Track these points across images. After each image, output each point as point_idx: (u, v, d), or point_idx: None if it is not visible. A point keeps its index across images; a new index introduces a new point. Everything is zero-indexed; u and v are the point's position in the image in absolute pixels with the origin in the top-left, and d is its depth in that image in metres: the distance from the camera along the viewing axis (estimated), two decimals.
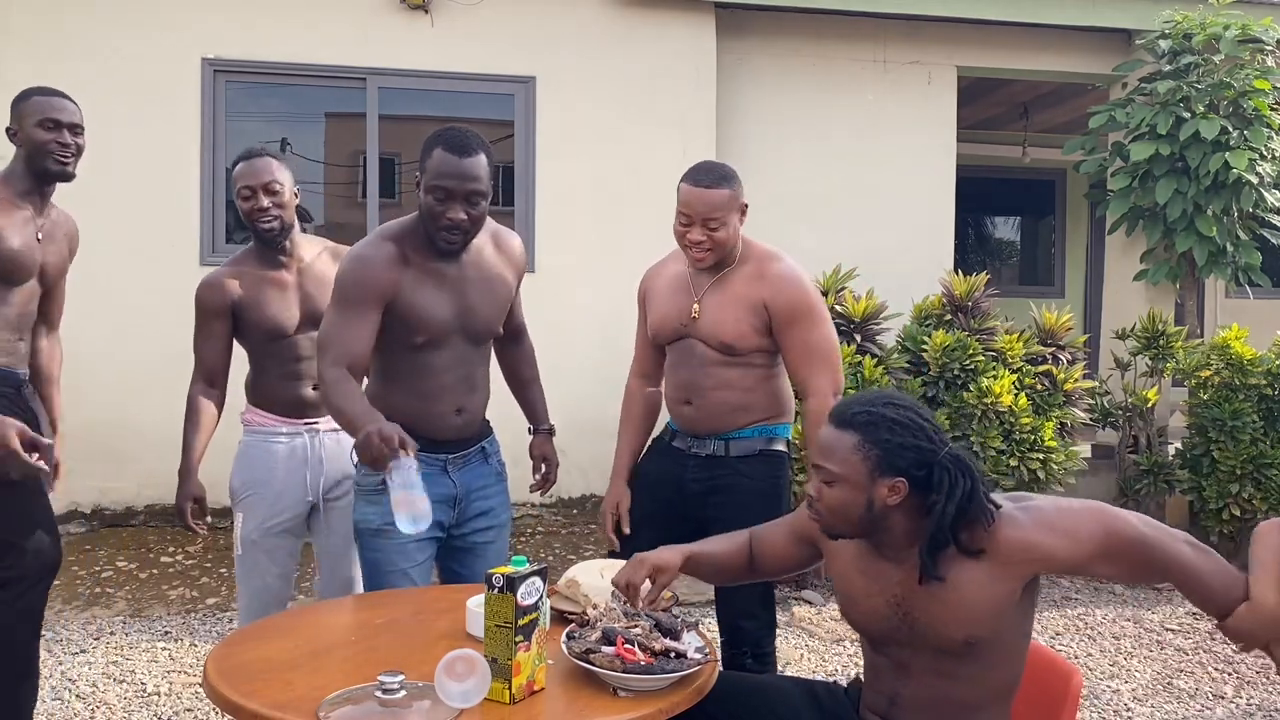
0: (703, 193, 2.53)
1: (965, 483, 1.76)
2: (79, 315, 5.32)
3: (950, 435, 4.72)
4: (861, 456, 1.79)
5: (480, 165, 2.35)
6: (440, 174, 2.32)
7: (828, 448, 1.83)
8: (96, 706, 3.44)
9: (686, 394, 2.68)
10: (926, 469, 1.78)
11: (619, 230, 5.80)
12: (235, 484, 2.82)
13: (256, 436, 2.82)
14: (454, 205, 2.33)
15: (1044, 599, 4.93)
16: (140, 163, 5.39)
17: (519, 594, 1.71)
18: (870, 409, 1.81)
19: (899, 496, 1.79)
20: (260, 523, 2.78)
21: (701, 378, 2.64)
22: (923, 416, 1.83)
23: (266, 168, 2.79)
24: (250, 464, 2.81)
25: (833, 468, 1.81)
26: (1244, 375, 5.21)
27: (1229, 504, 5.18)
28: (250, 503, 2.79)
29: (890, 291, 5.16)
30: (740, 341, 2.60)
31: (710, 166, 2.61)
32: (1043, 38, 6.47)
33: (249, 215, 2.77)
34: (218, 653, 1.92)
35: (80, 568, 4.73)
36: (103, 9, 5.39)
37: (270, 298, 2.79)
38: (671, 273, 2.75)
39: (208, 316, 2.81)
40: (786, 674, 3.83)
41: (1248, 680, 3.96)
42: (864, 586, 1.93)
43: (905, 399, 1.87)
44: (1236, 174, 5.58)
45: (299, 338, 2.80)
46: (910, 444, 1.78)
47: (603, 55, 5.87)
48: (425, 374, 2.46)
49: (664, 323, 2.72)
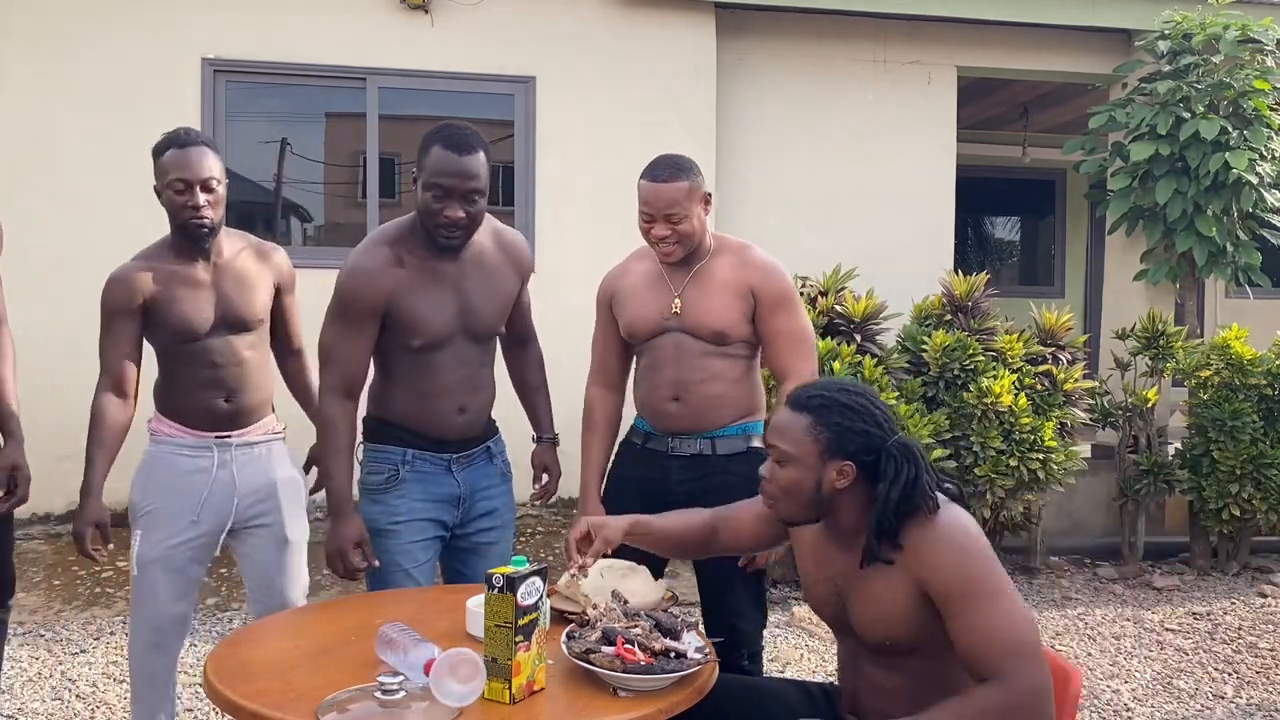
0: (660, 187, 2.51)
1: (909, 470, 1.80)
2: (78, 315, 5.33)
3: (950, 435, 4.73)
4: (813, 438, 1.84)
5: (479, 163, 2.36)
6: (439, 171, 2.33)
7: (782, 428, 1.89)
8: (96, 706, 3.44)
9: (674, 391, 2.59)
10: (875, 455, 1.83)
11: (619, 230, 5.77)
12: (135, 497, 2.54)
13: (162, 448, 2.57)
14: (452, 203, 2.34)
15: (1044, 599, 4.93)
16: (140, 163, 5.38)
17: (519, 594, 1.71)
18: (825, 393, 1.88)
19: (847, 480, 1.84)
20: (159, 542, 2.50)
21: (690, 372, 2.58)
22: (875, 405, 1.88)
23: (203, 162, 2.49)
24: (153, 477, 2.55)
25: (785, 447, 1.87)
26: (1244, 375, 5.21)
27: (1229, 504, 5.18)
28: (150, 520, 2.51)
29: (890, 291, 5.16)
30: (732, 328, 2.57)
31: (667, 160, 2.57)
32: (1043, 38, 6.47)
33: (178, 209, 2.52)
34: (218, 653, 1.92)
35: (80, 568, 4.73)
36: (103, 9, 5.39)
37: (181, 295, 2.53)
38: (641, 271, 2.68)
39: (115, 315, 2.61)
40: (786, 674, 3.83)
41: (1248, 680, 3.96)
42: (814, 572, 1.99)
43: (860, 387, 1.92)
44: (1236, 174, 5.58)
45: (212, 341, 2.52)
46: (860, 429, 1.84)
47: (603, 55, 5.87)
48: (427, 374, 2.46)
49: (642, 321, 2.63)
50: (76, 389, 5.18)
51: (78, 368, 5.24)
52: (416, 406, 2.48)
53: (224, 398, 2.54)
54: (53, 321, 5.14)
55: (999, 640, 1.71)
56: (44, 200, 5.28)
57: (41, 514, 5.26)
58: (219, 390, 2.54)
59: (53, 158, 5.30)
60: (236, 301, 2.55)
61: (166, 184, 2.51)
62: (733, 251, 2.63)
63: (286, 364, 2.81)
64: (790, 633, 4.26)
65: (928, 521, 1.80)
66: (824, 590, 1.97)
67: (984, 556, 1.78)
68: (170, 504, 2.51)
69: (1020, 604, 1.77)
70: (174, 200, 2.51)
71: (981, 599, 1.74)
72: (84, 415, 2.64)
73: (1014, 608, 1.75)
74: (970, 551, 1.78)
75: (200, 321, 2.52)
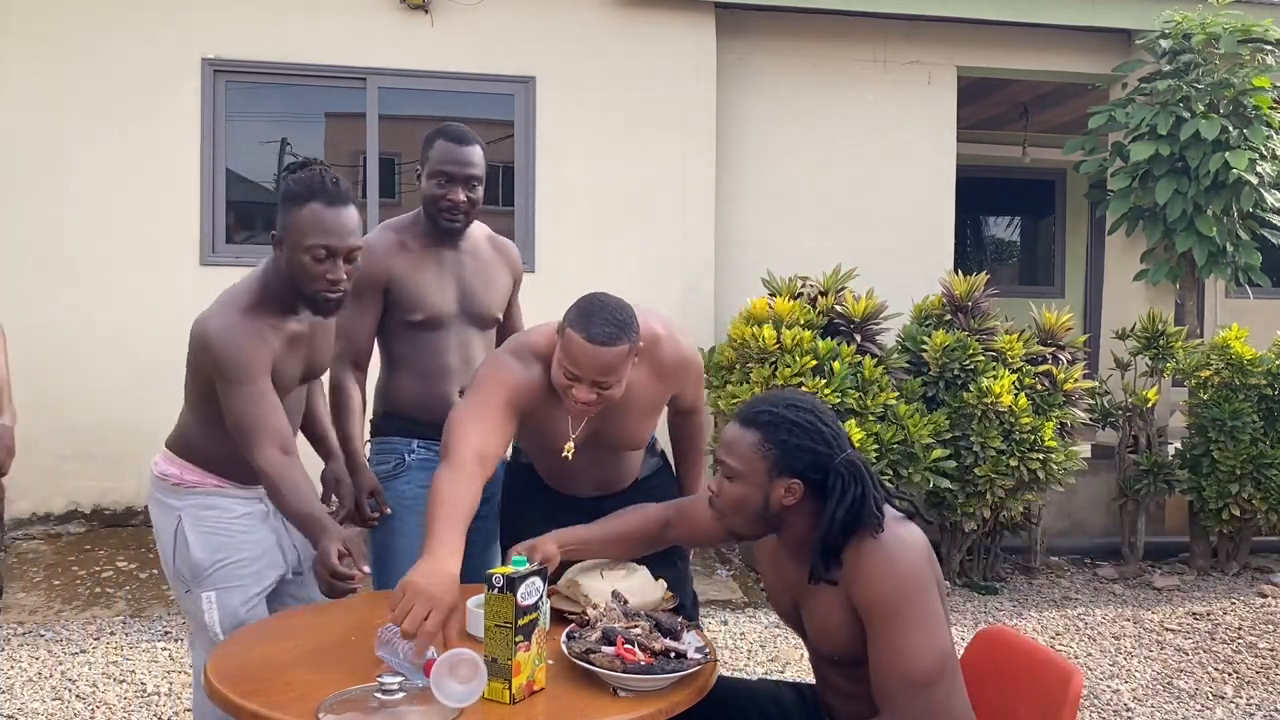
0: (599, 351, 2.06)
1: (856, 489, 1.79)
2: (79, 315, 5.35)
3: (950, 435, 4.73)
4: (760, 455, 1.83)
5: (477, 154, 2.63)
6: (443, 160, 2.59)
7: (730, 444, 1.87)
8: (96, 706, 3.44)
9: (595, 487, 2.46)
10: (823, 472, 1.81)
11: (619, 230, 5.80)
12: (199, 557, 2.25)
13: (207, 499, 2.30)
14: (455, 187, 2.58)
15: (1044, 598, 4.93)
16: (140, 163, 5.40)
17: (519, 594, 1.71)
18: (773, 409, 1.85)
19: (794, 498, 1.83)
20: (248, 599, 2.27)
21: (610, 471, 2.47)
22: (823, 421, 1.85)
23: (353, 227, 2.20)
24: (214, 530, 2.28)
25: (733, 463, 1.86)
26: (1244, 375, 5.21)
27: (1229, 504, 5.18)
28: (225, 577, 2.26)
29: (890, 291, 5.16)
30: (649, 435, 2.46)
31: (605, 312, 2.10)
32: (1043, 38, 6.47)
33: (312, 279, 2.17)
34: (218, 653, 1.92)
35: (80, 568, 4.73)
36: (103, 9, 5.39)
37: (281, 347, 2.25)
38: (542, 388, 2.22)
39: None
40: (785, 674, 3.84)
41: (1248, 680, 3.96)
42: (775, 581, 2.01)
43: (809, 401, 1.90)
44: (1236, 174, 5.58)
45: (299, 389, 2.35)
46: (807, 447, 1.82)
47: (603, 55, 5.87)
48: (428, 354, 2.63)
49: (552, 440, 2.32)
50: (76, 388, 5.23)
51: (78, 368, 5.27)
52: (419, 388, 2.62)
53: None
54: (52, 322, 5.15)
55: (898, 669, 1.71)
56: (44, 200, 5.28)
57: (41, 514, 5.26)
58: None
59: (53, 158, 5.30)
60: (322, 356, 2.40)
61: (304, 246, 2.14)
62: (650, 361, 2.28)
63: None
64: (789, 633, 4.26)
65: (869, 540, 1.79)
66: (784, 600, 1.99)
67: (914, 582, 1.75)
68: (244, 551, 2.29)
69: (936, 638, 1.74)
70: (309, 268, 2.15)
71: (897, 624, 1.72)
72: (83, 416, 2.62)
73: (927, 639, 1.72)
74: (900, 575, 1.75)
75: (291, 378, 2.29)
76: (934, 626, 1.74)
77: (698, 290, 5.86)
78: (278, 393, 2.20)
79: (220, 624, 2.25)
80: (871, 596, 1.75)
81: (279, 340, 2.21)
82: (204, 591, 2.26)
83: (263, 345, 2.17)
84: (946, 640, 1.76)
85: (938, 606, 1.77)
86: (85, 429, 5.24)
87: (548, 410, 2.26)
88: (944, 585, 1.85)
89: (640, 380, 2.26)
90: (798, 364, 4.52)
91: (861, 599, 1.76)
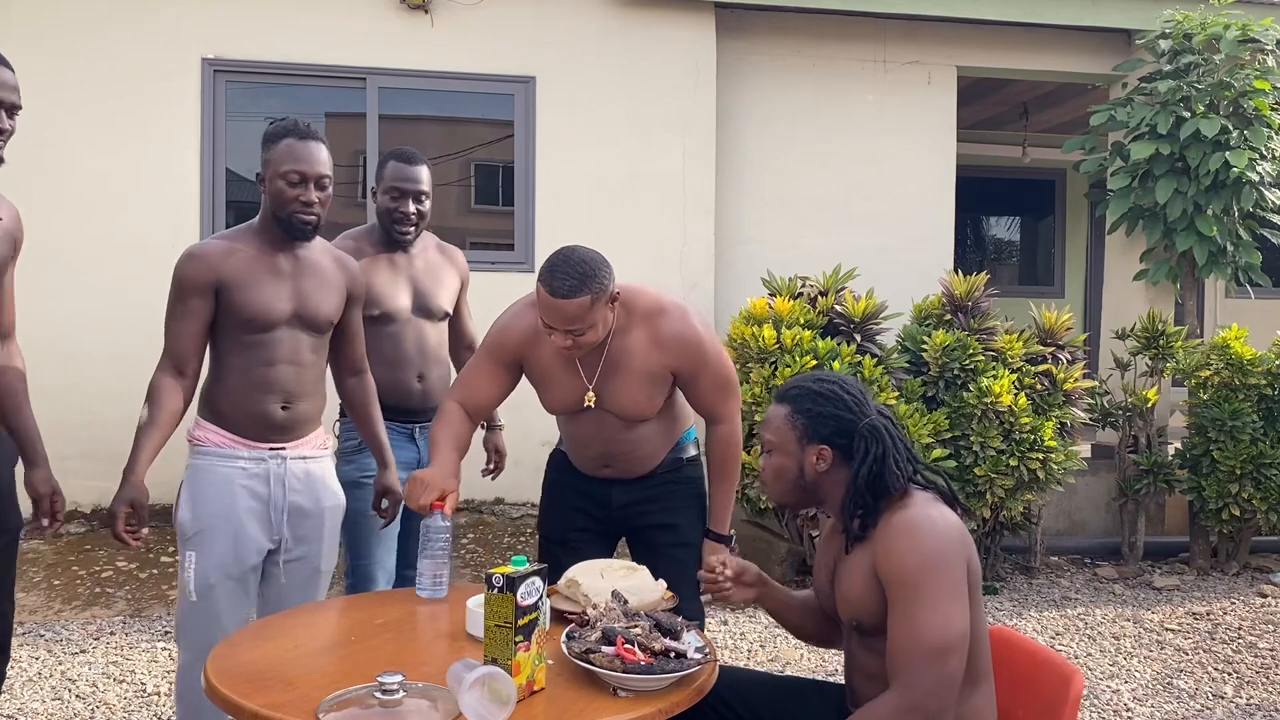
0: (559, 304, 2.23)
1: (877, 449, 1.89)
2: (78, 315, 5.35)
3: (950, 435, 4.73)
4: (790, 426, 1.97)
5: (424, 172, 3.05)
6: (396, 178, 3.00)
7: (767, 420, 2.03)
8: (96, 706, 3.44)
9: (604, 460, 2.57)
10: (848, 437, 1.93)
11: (619, 230, 5.80)
12: (185, 517, 2.41)
13: (209, 459, 2.44)
14: (406, 201, 2.99)
15: (1044, 598, 4.93)
16: (140, 163, 5.40)
17: (519, 594, 1.71)
18: (800, 383, 2.02)
19: (826, 464, 1.95)
20: (221, 562, 2.38)
21: (617, 445, 2.54)
22: (846, 390, 1.97)
23: (320, 157, 2.49)
24: (203, 492, 2.41)
25: (770, 437, 2.00)
26: (1244, 375, 5.21)
27: (1229, 504, 5.18)
28: (205, 539, 2.39)
29: (890, 291, 5.16)
30: (652, 410, 2.49)
31: (567, 266, 2.24)
32: (1043, 38, 6.47)
33: (287, 201, 2.42)
34: (218, 653, 1.92)
35: (80, 568, 4.73)
36: (102, 9, 5.39)
37: (261, 281, 2.43)
38: (551, 345, 2.38)
39: (187, 292, 2.41)
40: (785, 674, 3.84)
41: (1248, 680, 3.96)
42: (820, 559, 2.10)
43: (835, 375, 2.04)
44: (1237, 173, 5.59)
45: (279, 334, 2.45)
46: (830, 413, 1.95)
47: (603, 55, 5.87)
48: (390, 344, 2.98)
49: (562, 403, 2.51)
50: (76, 388, 5.23)
51: (78, 366, 5.27)
52: (384, 375, 2.89)
53: (281, 403, 2.45)
54: (52, 321, 5.15)
55: (910, 640, 1.75)
56: (44, 200, 5.27)
57: None
58: (277, 394, 2.44)
59: (52, 158, 5.30)
60: (312, 298, 2.49)
61: (280, 173, 2.43)
62: (643, 322, 2.41)
63: (345, 384, 2.75)
64: (789, 633, 4.26)
65: (899, 510, 1.85)
66: (823, 577, 2.06)
67: (936, 555, 1.78)
68: (229, 520, 2.40)
69: (955, 614, 1.76)
70: (284, 191, 2.42)
71: (915, 595, 1.77)
72: (83, 416, 2.63)
73: (945, 614, 1.75)
74: (923, 548, 1.79)
75: (275, 312, 2.43)
76: (951, 600, 1.77)
77: (698, 290, 5.86)
78: (258, 324, 2.41)
79: (194, 583, 2.38)
80: (895, 568, 1.79)
81: (244, 265, 2.42)
82: (188, 550, 2.41)
83: (205, 265, 2.40)
84: (964, 617, 1.78)
85: (960, 584, 1.79)
86: (85, 429, 5.24)
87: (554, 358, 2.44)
88: (978, 574, 1.87)
89: (638, 344, 2.42)
90: (798, 364, 4.52)
91: (886, 570, 1.81)
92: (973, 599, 1.82)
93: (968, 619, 1.79)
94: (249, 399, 2.43)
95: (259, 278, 2.43)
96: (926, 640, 1.74)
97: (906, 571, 1.78)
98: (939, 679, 1.74)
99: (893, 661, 1.78)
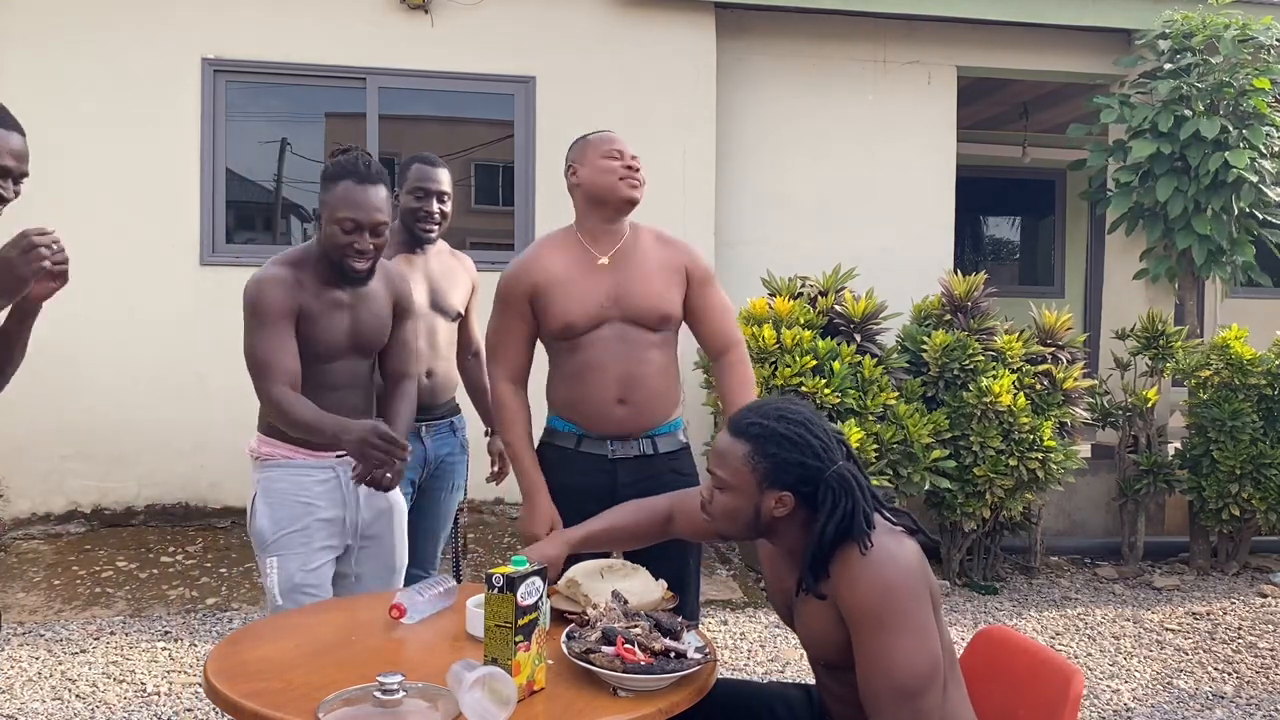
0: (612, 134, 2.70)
1: (846, 504, 1.78)
2: (79, 315, 5.35)
3: (950, 435, 4.73)
4: (750, 468, 1.83)
5: (445, 174, 3.14)
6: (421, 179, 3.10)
7: (721, 454, 1.87)
8: (96, 706, 3.44)
9: (621, 390, 2.50)
10: (812, 485, 1.81)
11: None
12: (263, 525, 2.47)
13: (280, 470, 2.50)
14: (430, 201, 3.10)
15: (1044, 598, 4.93)
16: (140, 163, 5.40)
17: (519, 594, 1.71)
18: (763, 421, 1.85)
19: (785, 509, 1.83)
20: (301, 566, 2.47)
21: (638, 365, 2.51)
22: (813, 433, 1.84)
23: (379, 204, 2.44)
24: (280, 501, 2.48)
25: (724, 475, 1.86)
26: (1244, 375, 5.21)
27: (1228, 504, 5.18)
28: (285, 544, 2.47)
29: (890, 291, 5.16)
30: (674, 310, 2.55)
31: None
32: (1043, 38, 6.47)
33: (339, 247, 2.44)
34: (218, 653, 1.92)
35: (80, 568, 4.73)
36: (103, 9, 5.39)
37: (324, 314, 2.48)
38: (563, 261, 2.53)
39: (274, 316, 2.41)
40: (785, 674, 3.84)
41: (1248, 680, 3.96)
42: (774, 581, 2.01)
43: (801, 412, 1.88)
44: (1236, 172, 5.59)
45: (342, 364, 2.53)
46: (796, 460, 1.81)
47: (603, 55, 5.87)
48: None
49: (580, 312, 2.50)
50: (76, 389, 5.23)
51: (78, 368, 5.27)
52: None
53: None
54: (52, 321, 5.12)
55: (884, 678, 1.70)
56: (43, 200, 5.25)
57: (41, 514, 5.26)
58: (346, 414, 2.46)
59: (52, 158, 5.29)
60: (368, 326, 2.55)
61: (335, 218, 2.41)
62: (647, 232, 2.65)
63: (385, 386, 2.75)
64: (789, 633, 4.26)
65: (854, 547, 1.77)
66: (780, 601, 2.00)
67: (902, 592, 1.73)
68: (302, 525, 2.47)
69: (924, 646, 1.72)
70: (337, 236, 2.41)
71: (883, 632, 1.71)
72: (83, 416, 2.63)
73: (914, 648, 1.70)
74: (886, 585, 1.73)
75: (336, 346, 2.50)
76: (921, 635, 1.72)
77: None
78: (321, 357, 2.46)
79: (279, 587, 2.45)
80: (857, 604, 1.73)
81: (313, 296, 2.45)
82: (267, 557, 2.48)
83: (286, 292, 2.41)
84: (935, 649, 1.74)
85: (927, 616, 1.74)
86: (85, 429, 5.25)
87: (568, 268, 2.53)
88: (939, 596, 1.83)
89: (648, 241, 2.62)
90: (798, 364, 4.52)
91: (847, 607, 1.75)
92: (936, 619, 1.79)
93: (938, 649, 1.74)
94: None
95: (323, 310, 2.46)
96: (899, 680, 1.69)
97: (870, 609, 1.72)
98: (915, 717, 1.70)
99: (867, 701, 1.73)
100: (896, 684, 1.69)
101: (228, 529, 5.29)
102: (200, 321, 5.35)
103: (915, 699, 1.69)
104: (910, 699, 1.69)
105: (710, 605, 4.55)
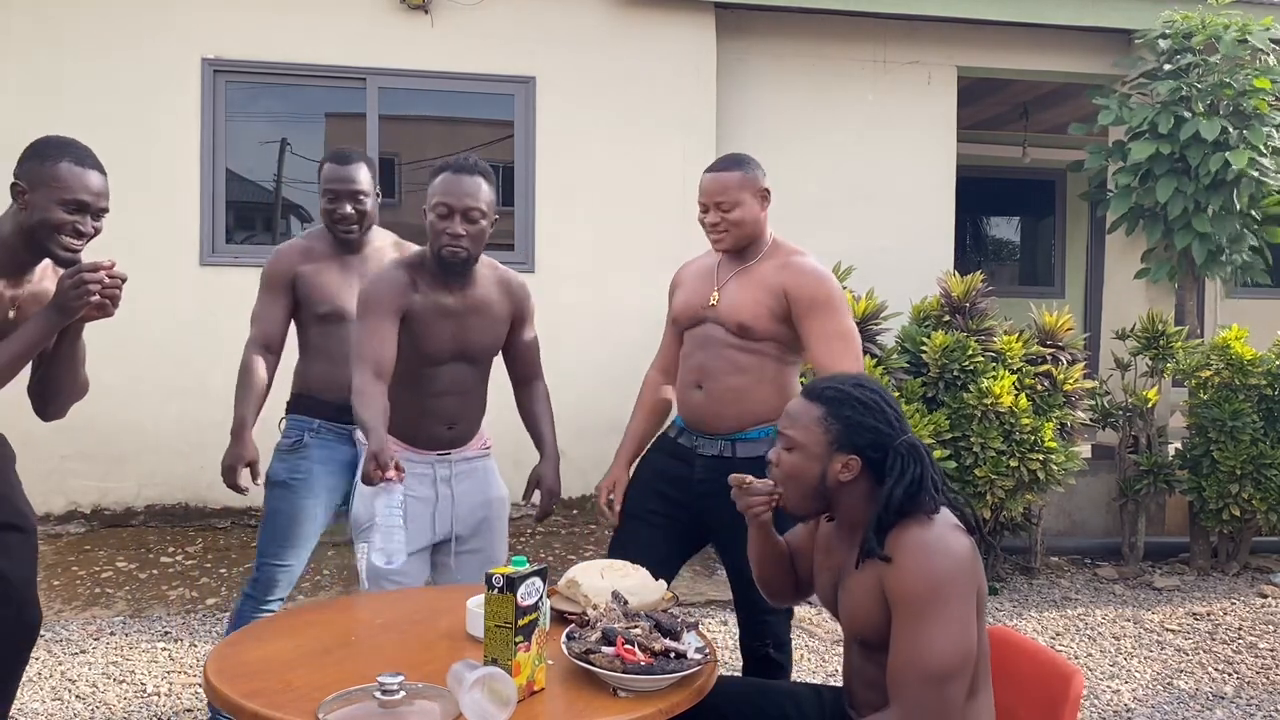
0: (715, 176, 2.67)
1: (915, 469, 1.82)
2: None
3: (950, 436, 4.72)
4: (823, 429, 1.87)
5: (360, 171, 2.94)
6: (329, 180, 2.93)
7: (793, 415, 1.92)
8: (96, 706, 3.44)
9: (698, 377, 2.70)
10: (882, 452, 1.85)
11: (619, 230, 5.80)
12: (359, 510, 2.58)
13: None
14: (341, 203, 2.92)
15: (1044, 599, 4.93)
16: (140, 163, 5.39)
17: (519, 594, 1.71)
18: (840, 386, 1.91)
19: (851, 474, 1.86)
20: (389, 553, 2.44)
21: (714, 359, 2.67)
22: (887, 403, 1.89)
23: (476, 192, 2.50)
24: (372, 491, 2.46)
25: (794, 434, 1.90)
26: (1244, 375, 5.21)
27: (1229, 504, 5.18)
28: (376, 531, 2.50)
29: (890, 291, 5.16)
30: (756, 323, 2.64)
31: (730, 155, 2.75)
32: (1043, 38, 6.47)
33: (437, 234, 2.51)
34: (218, 653, 1.92)
35: (80, 568, 4.73)
36: (103, 9, 5.39)
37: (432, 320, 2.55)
38: (700, 264, 2.85)
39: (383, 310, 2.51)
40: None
41: (1248, 680, 3.96)
42: (822, 562, 2.04)
43: (875, 383, 1.94)
44: (1236, 172, 5.58)
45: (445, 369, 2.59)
46: (870, 425, 1.86)
47: (603, 55, 5.87)
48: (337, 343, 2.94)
49: (685, 307, 2.79)
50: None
51: None
52: (329, 372, 2.91)
53: (446, 425, 2.64)
54: None
55: (914, 662, 1.72)
56: None
57: (41, 514, 5.25)
58: (443, 420, 2.63)
59: None
60: (475, 334, 2.62)
61: (430, 206, 2.51)
62: (782, 255, 2.72)
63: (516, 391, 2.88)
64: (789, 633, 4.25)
65: (915, 529, 1.79)
66: (826, 581, 2.02)
67: (950, 586, 1.74)
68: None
69: (959, 638, 1.73)
70: (434, 224, 2.50)
71: (923, 621, 1.72)
72: (83, 416, 2.63)
73: (949, 638, 1.72)
74: (933, 569, 1.74)
75: (441, 353, 2.58)
76: (959, 627, 1.73)
77: None
78: (426, 362, 2.54)
79: (366, 573, 2.54)
80: (904, 589, 1.76)
81: (422, 299, 2.52)
82: (360, 543, 2.57)
83: (393, 290, 2.49)
84: (970, 644, 1.75)
85: (968, 612, 1.76)
86: (85, 429, 5.24)
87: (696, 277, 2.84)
88: (985, 598, 1.84)
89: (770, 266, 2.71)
90: None
91: (894, 589, 1.77)
92: (978, 621, 1.80)
93: (973, 643, 1.75)
94: (417, 424, 2.59)
95: (430, 318, 2.54)
96: (929, 665, 1.71)
97: (915, 594, 1.74)
98: (938, 704, 1.71)
99: (893, 680, 1.75)
100: (924, 667, 1.71)
101: (227, 529, 5.30)
102: (200, 321, 5.35)
103: (940, 685, 1.71)
104: (935, 684, 1.71)
105: (710, 605, 4.55)
